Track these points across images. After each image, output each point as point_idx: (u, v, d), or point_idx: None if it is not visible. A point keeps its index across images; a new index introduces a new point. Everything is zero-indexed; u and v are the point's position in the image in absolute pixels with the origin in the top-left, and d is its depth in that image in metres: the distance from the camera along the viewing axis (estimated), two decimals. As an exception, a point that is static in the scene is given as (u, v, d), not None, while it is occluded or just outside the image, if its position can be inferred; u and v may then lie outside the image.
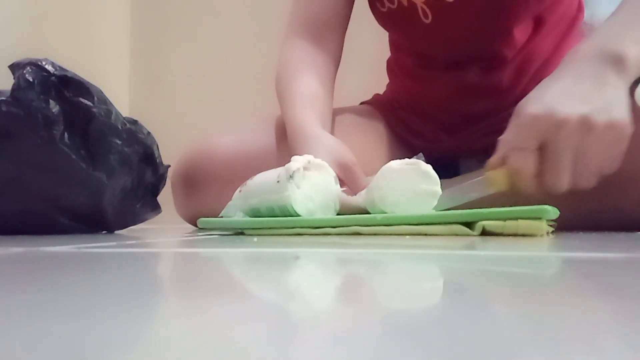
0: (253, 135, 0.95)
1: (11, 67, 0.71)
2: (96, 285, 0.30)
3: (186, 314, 0.23)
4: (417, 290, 0.28)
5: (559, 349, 0.16)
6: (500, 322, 0.20)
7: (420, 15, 0.93)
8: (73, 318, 0.21)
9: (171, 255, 0.51)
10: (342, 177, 0.75)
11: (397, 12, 0.94)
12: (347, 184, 0.75)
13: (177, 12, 2.18)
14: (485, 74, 0.95)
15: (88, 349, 0.16)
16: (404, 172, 0.65)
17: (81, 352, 0.16)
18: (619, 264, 0.37)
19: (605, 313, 0.21)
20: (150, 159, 0.81)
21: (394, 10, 0.94)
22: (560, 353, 0.16)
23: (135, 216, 0.82)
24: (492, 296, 0.26)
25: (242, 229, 0.71)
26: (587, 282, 0.30)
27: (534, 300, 0.25)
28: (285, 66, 0.95)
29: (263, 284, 0.31)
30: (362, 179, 0.75)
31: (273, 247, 0.52)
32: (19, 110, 0.68)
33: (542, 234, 0.58)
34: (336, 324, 0.20)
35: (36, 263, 0.41)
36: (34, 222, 0.72)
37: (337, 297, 0.27)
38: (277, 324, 0.21)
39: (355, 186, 0.74)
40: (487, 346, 0.17)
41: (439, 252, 0.46)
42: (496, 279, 0.32)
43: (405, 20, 0.95)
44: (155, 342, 0.19)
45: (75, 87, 0.72)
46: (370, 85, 1.19)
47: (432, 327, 0.20)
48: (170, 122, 1.99)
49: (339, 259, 0.44)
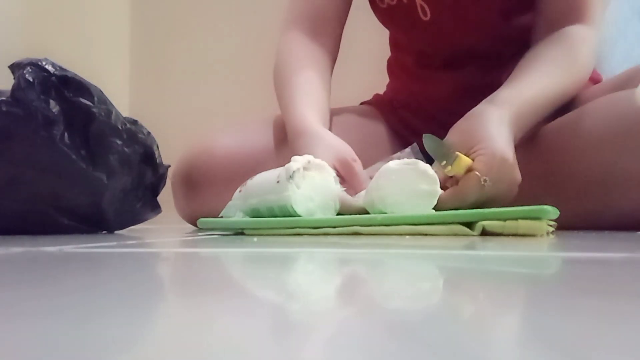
0: (253, 135, 0.95)
1: (11, 67, 0.71)
2: (96, 285, 0.30)
3: (186, 313, 0.23)
4: (417, 290, 0.28)
5: (559, 348, 0.16)
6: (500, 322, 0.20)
7: (419, 12, 0.93)
8: (73, 318, 0.21)
9: (171, 255, 0.51)
10: (342, 174, 0.75)
11: (396, 8, 0.95)
12: (347, 180, 0.75)
13: (177, 12, 2.18)
14: (484, 72, 0.96)
15: (88, 349, 0.16)
16: (402, 172, 0.66)
17: (81, 352, 0.16)
18: (619, 264, 0.37)
19: (605, 313, 0.21)
20: (150, 159, 0.81)
21: (393, 7, 0.95)
22: (560, 353, 0.16)
23: (135, 216, 0.82)
24: (492, 296, 0.26)
25: (242, 229, 0.71)
26: (587, 282, 0.30)
27: (534, 300, 0.25)
28: (283, 60, 0.94)
29: (263, 283, 0.31)
30: (362, 176, 0.74)
31: (273, 247, 0.52)
32: (19, 110, 0.68)
33: (542, 234, 0.58)
34: (336, 324, 0.20)
35: (36, 263, 0.41)
36: (34, 222, 0.72)
37: (336, 297, 0.27)
38: (277, 323, 0.21)
39: (355, 182, 0.74)
40: (487, 346, 0.17)
41: (439, 252, 0.46)
42: (496, 279, 0.32)
43: (404, 17, 0.95)
44: (155, 341, 0.19)
45: (76, 87, 0.71)
46: (371, 86, 1.19)
47: (432, 327, 0.20)
48: (170, 122, 1.99)
49: (339, 259, 0.44)
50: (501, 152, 0.68)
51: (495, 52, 0.94)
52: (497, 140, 0.69)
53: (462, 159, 0.68)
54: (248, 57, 2.05)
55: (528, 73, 0.80)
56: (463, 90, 0.97)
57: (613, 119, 0.76)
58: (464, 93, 0.97)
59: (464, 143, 0.70)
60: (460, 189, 0.67)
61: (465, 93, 0.97)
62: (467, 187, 0.67)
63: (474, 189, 0.67)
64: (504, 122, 0.72)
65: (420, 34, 0.96)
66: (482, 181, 0.66)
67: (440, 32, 0.94)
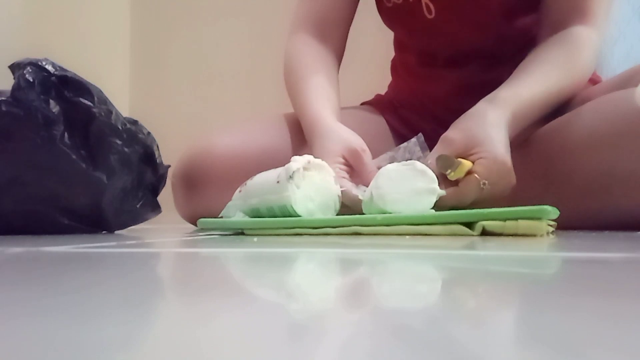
0: (253, 135, 0.95)
1: (11, 67, 0.71)
2: (96, 285, 0.30)
3: (185, 313, 0.23)
4: (417, 290, 0.28)
5: (559, 348, 0.16)
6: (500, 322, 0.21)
7: (424, 10, 0.95)
8: (73, 318, 0.21)
9: (171, 255, 0.51)
10: (351, 163, 0.77)
11: (401, 7, 0.96)
12: (355, 169, 0.77)
13: (177, 12, 2.18)
14: (486, 71, 0.96)
15: (88, 349, 0.16)
16: (401, 171, 0.67)
17: (81, 352, 0.16)
18: (619, 264, 0.37)
19: (605, 313, 0.21)
20: (150, 159, 0.81)
21: (399, 6, 0.97)
22: (560, 353, 0.16)
23: (135, 216, 0.82)
24: (492, 296, 0.26)
25: (242, 229, 0.71)
26: (587, 282, 0.30)
27: (534, 300, 0.25)
28: (294, 62, 0.97)
29: (262, 283, 0.31)
30: (370, 166, 0.76)
31: (273, 247, 0.52)
32: (19, 110, 0.68)
33: (542, 234, 0.58)
34: (336, 324, 0.20)
35: (36, 263, 0.41)
36: (34, 222, 0.72)
37: (336, 296, 0.27)
38: (277, 323, 0.21)
39: (363, 172, 0.76)
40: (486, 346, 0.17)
41: (439, 252, 0.46)
42: (496, 279, 0.32)
43: (409, 16, 0.97)
44: (155, 341, 0.19)
45: (76, 87, 0.72)
46: (372, 86, 1.19)
47: (431, 327, 0.20)
48: (170, 122, 1.99)
49: (339, 259, 0.44)
50: (502, 157, 0.70)
51: (498, 51, 0.95)
52: (497, 145, 0.71)
53: (464, 165, 0.69)
54: (248, 58, 2.05)
55: (528, 74, 0.81)
56: (465, 89, 0.97)
57: (613, 119, 0.76)
58: (466, 91, 0.97)
59: (464, 143, 0.71)
60: (460, 190, 0.69)
61: (467, 91, 0.97)
62: (467, 189, 0.69)
63: (474, 192, 0.69)
64: (502, 123, 0.74)
65: (424, 32, 0.98)
66: (482, 184, 0.68)
67: (443, 31, 0.95)
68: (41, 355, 0.16)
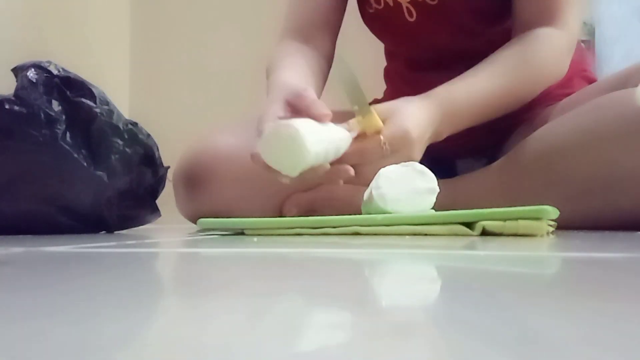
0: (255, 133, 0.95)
1: (14, 70, 0.72)
2: (96, 285, 0.30)
3: (186, 313, 0.23)
4: (417, 290, 0.28)
5: (559, 348, 0.16)
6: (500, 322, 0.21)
7: (405, 14, 0.96)
8: (73, 318, 0.21)
9: (171, 255, 0.51)
10: (297, 105, 0.72)
11: (383, 12, 0.97)
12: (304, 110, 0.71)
13: (177, 12, 2.18)
14: None
15: (88, 349, 0.16)
16: (401, 171, 0.67)
17: (81, 352, 0.16)
18: (619, 264, 0.37)
19: (605, 313, 0.21)
20: (151, 160, 0.81)
21: (381, 11, 0.97)
22: (560, 353, 0.16)
23: (135, 218, 0.82)
24: (491, 296, 0.26)
25: (242, 228, 0.71)
26: (587, 282, 0.30)
27: (534, 300, 0.25)
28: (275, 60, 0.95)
29: (262, 283, 0.31)
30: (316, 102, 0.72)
31: (273, 247, 0.52)
32: (22, 108, 0.68)
33: (542, 234, 0.58)
34: (335, 324, 0.20)
35: (36, 263, 0.41)
36: (34, 222, 0.72)
37: (336, 296, 0.27)
38: (276, 323, 0.21)
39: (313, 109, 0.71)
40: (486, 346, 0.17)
41: (439, 252, 0.46)
42: (496, 279, 0.32)
43: (391, 20, 0.98)
44: (155, 341, 0.19)
45: (78, 87, 0.72)
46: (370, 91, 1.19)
47: (431, 327, 0.20)
48: (170, 122, 1.99)
49: (339, 259, 0.44)
50: (407, 127, 0.75)
51: (482, 52, 0.94)
52: (409, 118, 0.75)
53: (375, 118, 0.73)
54: (248, 59, 2.05)
55: (472, 73, 0.85)
56: None
57: (613, 118, 0.76)
58: None
59: (385, 109, 0.76)
60: (363, 144, 0.73)
61: None
62: (369, 144, 0.73)
63: (375, 150, 0.73)
64: (426, 110, 0.78)
65: (407, 36, 0.99)
66: (382, 144, 0.73)
67: (425, 34, 0.97)
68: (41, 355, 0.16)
